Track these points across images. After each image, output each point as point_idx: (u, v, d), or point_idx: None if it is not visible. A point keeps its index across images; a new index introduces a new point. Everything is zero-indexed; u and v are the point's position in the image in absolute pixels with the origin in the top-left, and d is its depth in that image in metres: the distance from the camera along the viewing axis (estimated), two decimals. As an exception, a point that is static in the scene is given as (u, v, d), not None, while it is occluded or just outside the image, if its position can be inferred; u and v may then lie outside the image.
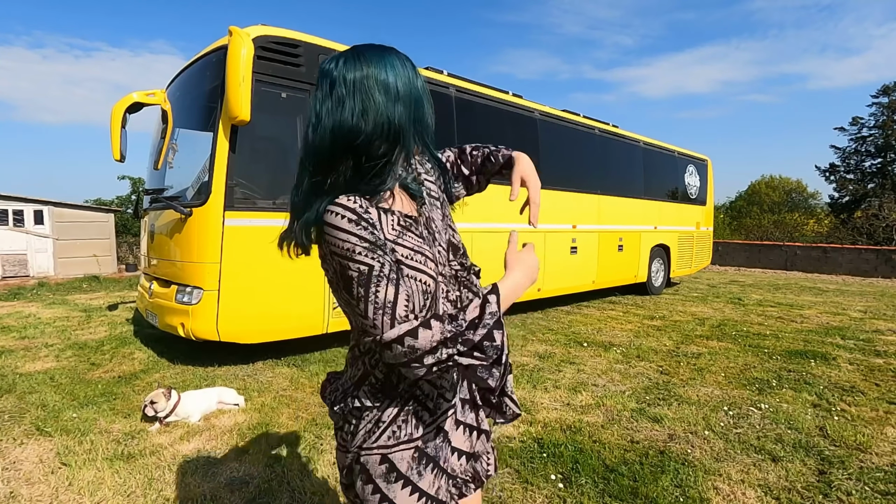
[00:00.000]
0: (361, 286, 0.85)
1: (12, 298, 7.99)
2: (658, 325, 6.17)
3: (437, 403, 1.00)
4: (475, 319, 0.87)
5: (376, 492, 0.95)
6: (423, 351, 0.84)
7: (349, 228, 0.86)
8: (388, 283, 0.86)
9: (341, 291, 0.91)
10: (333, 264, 0.90)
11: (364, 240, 0.86)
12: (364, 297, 0.85)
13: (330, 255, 0.90)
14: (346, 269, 0.86)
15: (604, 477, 2.40)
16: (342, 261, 0.87)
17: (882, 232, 19.36)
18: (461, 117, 5.65)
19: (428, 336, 0.84)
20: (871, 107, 29.14)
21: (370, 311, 0.85)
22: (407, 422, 0.97)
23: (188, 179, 4.33)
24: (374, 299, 0.85)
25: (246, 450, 2.67)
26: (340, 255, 0.86)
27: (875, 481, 2.38)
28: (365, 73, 0.90)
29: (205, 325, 3.93)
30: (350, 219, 0.86)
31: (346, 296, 0.89)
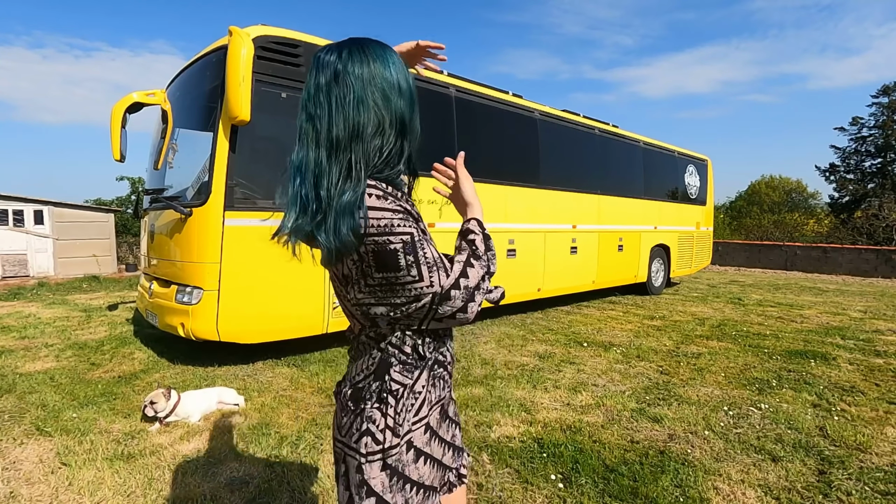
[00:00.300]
0: (409, 253, 0.88)
1: (12, 298, 7.99)
2: (658, 325, 6.17)
3: (452, 367, 1.08)
4: (487, 251, 0.99)
5: (427, 459, 1.01)
6: (473, 288, 0.92)
7: (379, 205, 0.87)
8: (428, 243, 0.91)
9: (371, 275, 0.90)
10: (364, 249, 0.88)
11: (397, 211, 0.88)
12: (416, 262, 0.88)
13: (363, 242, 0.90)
14: (386, 246, 0.86)
15: (604, 477, 2.40)
16: (379, 238, 0.86)
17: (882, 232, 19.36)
18: (461, 117, 5.65)
19: (476, 273, 0.93)
20: (871, 107, 29.17)
21: (425, 271, 0.89)
22: (435, 385, 1.03)
23: (188, 179, 4.33)
24: (426, 259, 0.89)
25: (246, 450, 2.67)
26: (378, 233, 0.86)
27: (875, 481, 2.38)
28: (372, 67, 0.91)
29: (205, 325, 3.93)
30: (377, 195, 0.87)
31: (387, 273, 0.88)
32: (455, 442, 1.13)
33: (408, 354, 0.98)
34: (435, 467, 1.03)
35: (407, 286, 0.89)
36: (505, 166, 6.17)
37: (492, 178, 5.93)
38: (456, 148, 5.57)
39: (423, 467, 1.00)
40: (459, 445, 1.15)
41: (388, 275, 0.89)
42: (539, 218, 6.60)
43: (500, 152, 6.20)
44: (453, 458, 1.11)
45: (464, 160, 1.13)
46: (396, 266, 0.87)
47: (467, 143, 5.72)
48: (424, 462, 1.00)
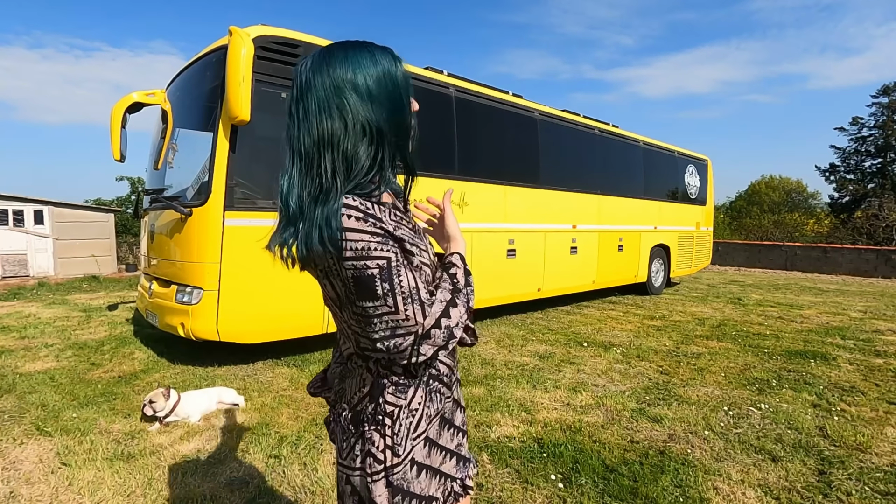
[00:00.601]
0: (385, 280, 0.84)
1: (12, 298, 7.99)
2: (658, 325, 6.17)
3: (450, 378, 1.06)
4: (467, 287, 0.97)
5: (428, 472, 1.00)
6: (454, 326, 0.91)
7: (359, 227, 0.84)
8: (406, 269, 0.87)
9: (354, 302, 0.88)
10: (344, 273, 0.86)
11: (375, 234, 0.85)
12: (391, 291, 0.85)
13: (339, 264, 0.86)
14: (363, 270, 0.84)
15: (604, 477, 2.40)
16: (358, 262, 0.84)
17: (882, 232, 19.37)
18: (461, 117, 5.64)
19: (458, 312, 0.92)
20: (871, 107, 29.16)
21: (400, 302, 0.85)
22: (433, 399, 1.01)
23: (188, 179, 4.33)
24: (401, 289, 0.85)
25: (246, 450, 2.67)
26: (356, 256, 0.84)
27: (875, 481, 2.38)
28: (334, 74, 0.88)
29: (205, 325, 3.93)
30: (357, 217, 0.84)
31: (365, 302, 0.86)
32: (461, 451, 1.10)
33: (399, 374, 0.96)
34: (435, 477, 1.02)
35: (383, 318, 0.86)
36: (505, 166, 6.17)
37: (492, 177, 5.94)
38: (456, 148, 5.57)
39: (424, 480, 0.99)
40: (466, 455, 1.11)
41: (366, 305, 0.86)
42: (539, 218, 6.60)
43: (500, 152, 6.20)
44: (457, 468, 1.08)
45: (450, 197, 1.14)
46: (374, 294, 0.85)
47: (467, 143, 5.72)
48: (426, 475, 1.00)
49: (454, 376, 1.09)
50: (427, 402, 0.99)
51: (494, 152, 6.12)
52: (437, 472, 1.02)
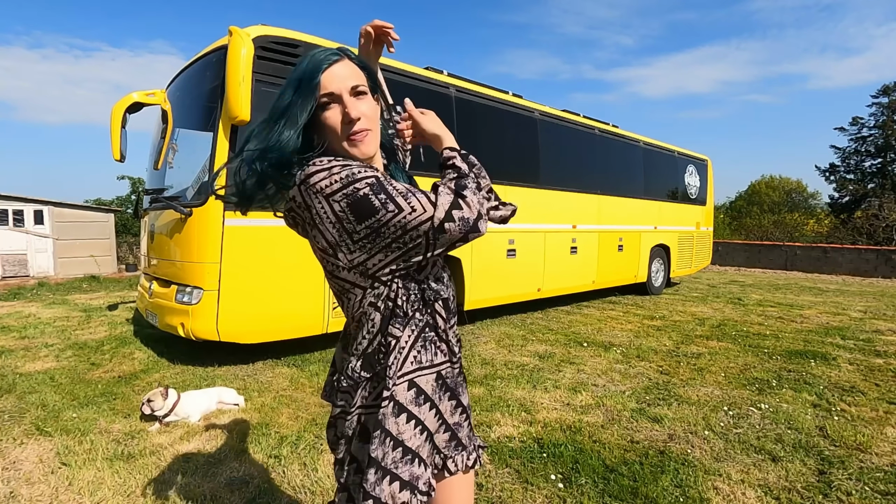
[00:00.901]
0: (380, 192, 0.89)
1: (12, 298, 7.99)
2: (658, 325, 6.17)
3: (446, 335, 1.07)
4: (472, 168, 1.00)
5: (410, 418, 0.99)
6: (472, 218, 0.91)
7: (337, 163, 0.91)
8: (394, 183, 0.92)
9: (356, 230, 0.91)
10: (335, 208, 0.90)
11: (350, 165, 0.91)
12: (389, 197, 0.88)
13: (327, 200, 0.90)
14: (356, 193, 0.88)
15: (604, 477, 2.40)
16: (346, 189, 0.89)
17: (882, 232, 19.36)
18: (461, 117, 5.64)
19: (470, 201, 0.92)
20: (871, 107, 29.17)
21: (401, 201, 0.88)
22: (426, 349, 1.03)
23: (188, 179, 4.33)
24: (397, 192, 0.89)
25: (246, 450, 2.67)
26: (343, 184, 0.89)
27: (875, 481, 2.38)
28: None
29: (205, 325, 3.93)
30: (333, 161, 0.92)
31: (368, 220, 0.89)
32: (458, 432, 1.09)
33: (400, 307, 1.00)
34: (422, 435, 1.00)
35: (391, 223, 0.89)
36: (505, 166, 6.16)
37: (491, 177, 5.86)
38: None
39: (404, 425, 0.98)
40: (463, 440, 1.10)
41: (370, 222, 0.89)
42: (539, 218, 6.60)
43: (500, 152, 6.19)
44: (447, 445, 1.07)
45: (412, 103, 1.15)
46: (373, 209, 0.88)
47: (467, 144, 5.70)
48: (408, 422, 0.98)
49: (453, 338, 1.09)
50: (418, 346, 1.01)
51: (494, 152, 6.12)
52: (425, 429, 1.01)
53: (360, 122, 0.95)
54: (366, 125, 0.96)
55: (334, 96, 0.94)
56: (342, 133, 0.96)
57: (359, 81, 0.97)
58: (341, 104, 0.94)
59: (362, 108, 0.96)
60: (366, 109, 0.97)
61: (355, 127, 0.95)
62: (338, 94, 0.94)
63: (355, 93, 0.96)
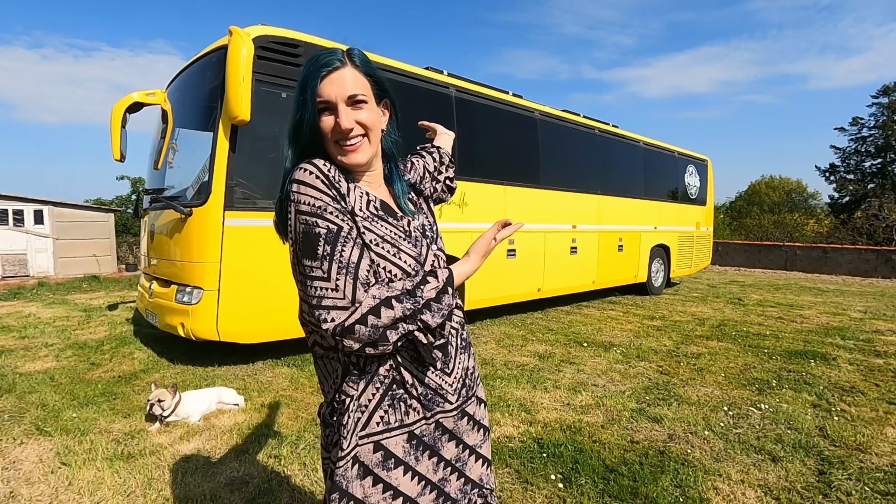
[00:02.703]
0: (329, 243, 0.86)
1: (12, 298, 7.99)
2: (658, 325, 6.17)
3: (422, 393, 0.98)
4: (431, 301, 0.91)
5: (377, 482, 0.94)
6: (385, 328, 0.86)
7: (322, 188, 0.89)
8: (355, 246, 0.89)
9: (301, 261, 0.89)
10: (297, 226, 0.88)
11: (336, 202, 0.89)
12: (329, 256, 0.85)
13: (295, 216, 0.89)
14: (313, 228, 0.86)
15: (604, 477, 2.40)
16: (310, 218, 0.87)
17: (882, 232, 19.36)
18: (461, 117, 5.64)
19: (391, 315, 0.86)
20: (871, 107, 29.21)
21: (334, 270, 0.85)
22: (395, 408, 0.95)
23: (188, 179, 4.33)
24: (340, 258, 0.86)
25: (246, 450, 2.67)
26: (310, 212, 0.87)
27: (875, 481, 2.38)
28: None
29: (205, 325, 3.93)
30: (322, 181, 0.90)
31: (305, 260, 0.87)
32: (445, 488, 1.01)
33: (354, 363, 0.95)
34: (399, 501, 0.95)
35: (315, 282, 0.86)
36: (505, 166, 6.16)
37: (492, 178, 5.93)
38: (456, 148, 5.55)
39: (370, 489, 0.93)
40: (451, 493, 1.03)
41: (305, 262, 0.87)
42: (539, 218, 6.60)
43: (500, 152, 6.19)
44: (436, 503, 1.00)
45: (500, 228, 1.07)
46: (314, 253, 0.86)
47: (467, 143, 5.72)
48: (374, 484, 0.93)
49: (432, 394, 0.99)
50: (384, 406, 0.94)
51: (494, 152, 6.12)
52: (399, 494, 0.95)
53: (352, 131, 0.94)
54: (359, 133, 0.95)
55: (329, 105, 0.93)
56: (332, 141, 0.95)
57: (358, 90, 0.94)
58: (336, 114, 0.93)
59: (359, 117, 0.94)
60: (364, 118, 0.95)
61: (346, 137, 0.94)
62: (333, 103, 0.93)
63: (352, 102, 0.94)
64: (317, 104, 0.93)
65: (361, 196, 0.96)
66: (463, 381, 1.06)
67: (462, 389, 1.05)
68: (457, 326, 1.05)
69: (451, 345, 1.03)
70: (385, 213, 0.99)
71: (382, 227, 0.96)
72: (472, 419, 1.08)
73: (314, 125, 0.94)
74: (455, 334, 1.05)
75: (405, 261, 0.96)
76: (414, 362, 0.98)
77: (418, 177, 1.24)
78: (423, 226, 1.06)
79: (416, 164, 1.27)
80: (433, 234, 1.08)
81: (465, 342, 1.09)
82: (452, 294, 0.96)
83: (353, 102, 0.94)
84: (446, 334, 1.00)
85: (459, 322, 1.07)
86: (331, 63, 0.94)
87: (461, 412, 1.05)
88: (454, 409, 1.03)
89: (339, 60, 0.94)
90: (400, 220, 1.01)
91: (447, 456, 1.02)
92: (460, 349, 1.06)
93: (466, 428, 1.07)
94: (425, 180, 1.26)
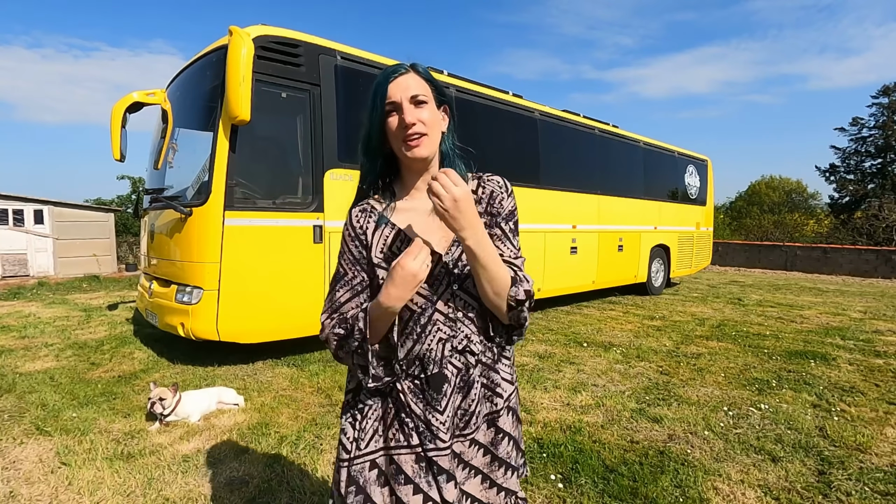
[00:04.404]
0: (335, 280, 1.12)
1: (12, 298, 7.99)
2: (658, 326, 6.17)
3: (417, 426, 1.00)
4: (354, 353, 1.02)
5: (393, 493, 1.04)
6: (328, 331, 1.06)
7: (347, 236, 1.10)
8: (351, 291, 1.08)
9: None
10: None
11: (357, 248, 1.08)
12: (332, 287, 1.12)
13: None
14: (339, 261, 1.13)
15: (604, 477, 2.40)
16: (339, 256, 1.14)
17: (882, 232, 19.35)
18: (461, 117, 5.64)
19: (332, 349, 1.05)
20: (871, 107, 29.20)
21: (330, 298, 1.13)
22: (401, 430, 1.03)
23: (188, 179, 4.33)
24: (333, 294, 1.11)
25: (246, 450, 2.67)
26: (339, 251, 1.14)
27: (875, 481, 2.38)
28: None
29: (205, 325, 3.93)
30: (350, 231, 1.10)
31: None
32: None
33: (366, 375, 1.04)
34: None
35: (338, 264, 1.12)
36: (505, 166, 6.16)
37: (492, 178, 5.93)
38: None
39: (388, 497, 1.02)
40: None
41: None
42: (539, 218, 6.60)
43: (500, 152, 6.19)
44: None
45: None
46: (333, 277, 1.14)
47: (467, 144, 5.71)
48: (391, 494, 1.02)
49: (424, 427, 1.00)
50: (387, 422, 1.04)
51: (495, 152, 6.12)
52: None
53: (415, 126, 0.99)
54: (421, 130, 1.00)
55: (395, 104, 1.00)
56: (398, 136, 1.01)
57: (420, 91, 1.02)
58: (401, 111, 1.00)
59: (421, 115, 1.01)
60: (425, 116, 1.01)
61: (409, 131, 0.99)
62: (398, 103, 1.00)
63: (415, 101, 1.01)
64: (385, 106, 1.01)
65: (388, 237, 1.05)
66: (454, 420, 1.03)
67: (454, 430, 1.03)
68: (460, 367, 1.03)
69: (448, 383, 1.01)
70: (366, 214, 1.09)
71: (352, 230, 1.09)
72: (458, 458, 1.05)
73: (382, 126, 1.02)
74: (456, 374, 1.03)
75: (413, 301, 1.02)
76: (411, 393, 1.02)
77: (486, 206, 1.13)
78: (463, 259, 1.02)
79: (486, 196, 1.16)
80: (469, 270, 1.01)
81: (467, 384, 1.04)
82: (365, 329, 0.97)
83: (416, 102, 1.01)
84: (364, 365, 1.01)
85: (464, 363, 1.04)
86: (397, 70, 1.03)
87: (451, 452, 1.02)
88: (446, 447, 1.01)
89: (404, 69, 1.04)
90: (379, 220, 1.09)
91: (409, 473, 1.01)
92: (457, 389, 1.03)
93: (458, 469, 1.04)
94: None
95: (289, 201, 4.25)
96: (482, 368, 1.07)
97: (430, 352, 1.01)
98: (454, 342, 1.02)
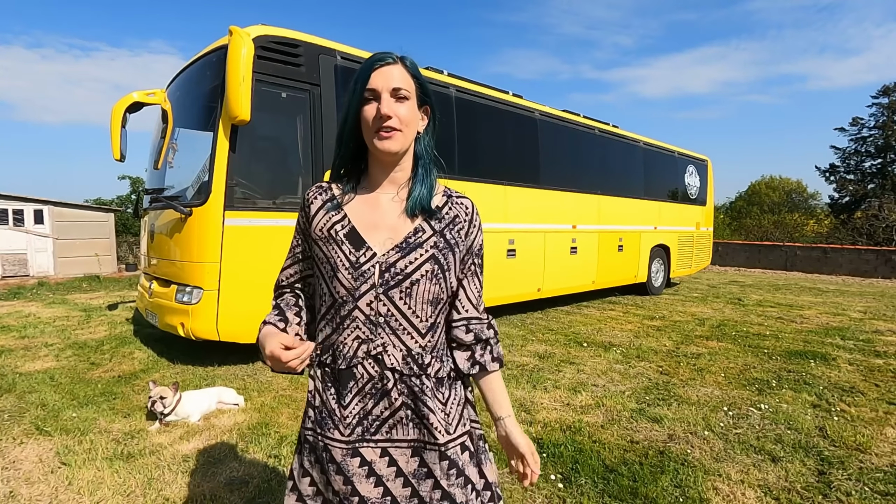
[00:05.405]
0: (290, 249, 1.20)
1: (12, 298, 7.99)
2: (658, 326, 6.17)
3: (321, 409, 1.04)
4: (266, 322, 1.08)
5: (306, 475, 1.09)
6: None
7: (301, 208, 1.12)
8: (293, 259, 1.19)
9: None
10: None
11: (304, 220, 1.09)
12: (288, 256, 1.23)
13: None
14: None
15: (604, 477, 2.40)
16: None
17: (882, 232, 19.36)
18: (461, 117, 5.64)
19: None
20: (871, 107, 29.20)
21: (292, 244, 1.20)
22: (307, 414, 1.07)
23: (188, 179, 4.33)
24: (286, 262, 1.21)
25: (246, 450, 2.67)
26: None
27: (875, 481, 2.38)
28: None
29: (205, 325, 3.93)
30: (302, 204, 1.11)
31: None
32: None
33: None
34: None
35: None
36: (505, 166, 6.17)
37: (492, 178, 5.93)
38: (456, 148, 5.56)
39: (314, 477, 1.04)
40: None
41: None
42: (539, 218, 6.60)
43: (500, 152, 6.20)
44: None
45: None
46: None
47: (467, 143, 5.72)
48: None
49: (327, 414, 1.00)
50: (315, 405, 1.05)
51: (495, 152, 6.12)
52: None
53: (389, 120, 0.96)
54: (395, 125, 0.97)
55: (375, 93, 0.97)
56: (372, 127, 0.98)
57: (403, 85, 0.98)
58: (379, 101, 0.97)
59: (398, 110, 0.97)
60: (402, 112, 0.98)
61: (383, 123, 0.97)
62: (378, 92, 0.97)
63: (396, 95, 0.98)
64: (364, 93, 0.98)
65: (332, 219, 1.02)
66: (360, 420, 0.99)
67: (357, 428, 0.99)
68: (373, 374, 0.99)
69: (356, 384, 0.99)
70: (347, 241, 1.00)
71: (331, 250, 1.00)
72: (366, 463, 0.99)
73: (357, 112, 0.99)
74: (367, 379, 0.99)
75: (335, 288, 0.99)
76: (321, 381, 1.04)
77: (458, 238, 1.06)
78: (397, 267, 0.98)
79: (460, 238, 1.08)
80: (400, 279, 0.98)
81: (380, 392, 0.99)
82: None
83: (397, 96, 0.98)
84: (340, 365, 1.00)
85: (377, 372, 0.99)
86: (384, 59, 0.99)
87: (353, 450, 0.99)
88: (343, 441, 0.99)
89: (391, 59, 0.99)
90: (359, 251, 0.98)
91: (335, 486, 0.98)
92: (368, 394, 0.99)
93: (358, 471, 0.98)
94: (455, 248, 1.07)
95: (289, 201, 4.25)
96: (404, 388, 0.99)
97: (344, 346, 0.99)
98: (370, 346, 0.98)
